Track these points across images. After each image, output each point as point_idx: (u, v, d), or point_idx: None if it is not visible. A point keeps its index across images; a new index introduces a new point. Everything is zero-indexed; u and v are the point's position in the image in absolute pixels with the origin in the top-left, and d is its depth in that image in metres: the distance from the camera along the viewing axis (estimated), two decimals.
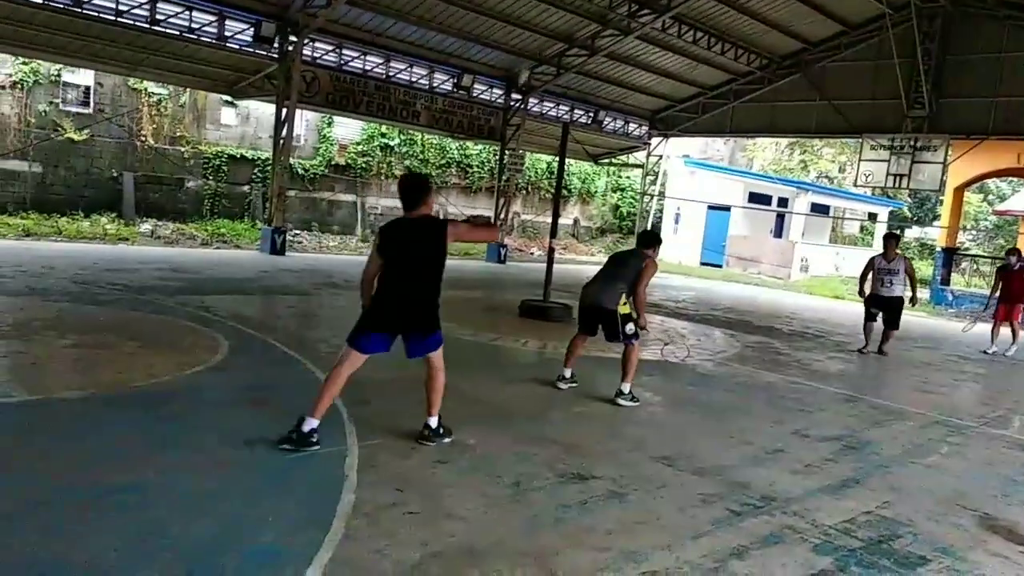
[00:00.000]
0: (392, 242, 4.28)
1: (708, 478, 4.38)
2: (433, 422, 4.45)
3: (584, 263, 22.83)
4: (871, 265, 9.90)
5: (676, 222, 27.45)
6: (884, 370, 9.22)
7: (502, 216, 20.06)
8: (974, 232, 32.03)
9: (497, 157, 20.81)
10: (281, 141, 15.10)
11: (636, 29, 16.35)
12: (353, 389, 4.56)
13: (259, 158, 19.19)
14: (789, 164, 36.71)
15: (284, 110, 14.91)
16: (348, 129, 21.18)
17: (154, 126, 17.72)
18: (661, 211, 27.14)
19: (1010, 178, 27.56)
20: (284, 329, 8.03)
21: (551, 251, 10.49)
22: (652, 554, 3.28)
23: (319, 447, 4.07)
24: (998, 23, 15.59)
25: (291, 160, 17.59)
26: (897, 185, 17.56)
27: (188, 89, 17.78)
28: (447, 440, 4.45)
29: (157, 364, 5.61)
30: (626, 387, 5.94)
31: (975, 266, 23.16)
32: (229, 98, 18.31)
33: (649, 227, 23.70)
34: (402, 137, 22.09)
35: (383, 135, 21.70)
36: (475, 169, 24.07)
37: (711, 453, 4.89)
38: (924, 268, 23.89)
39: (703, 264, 25.60)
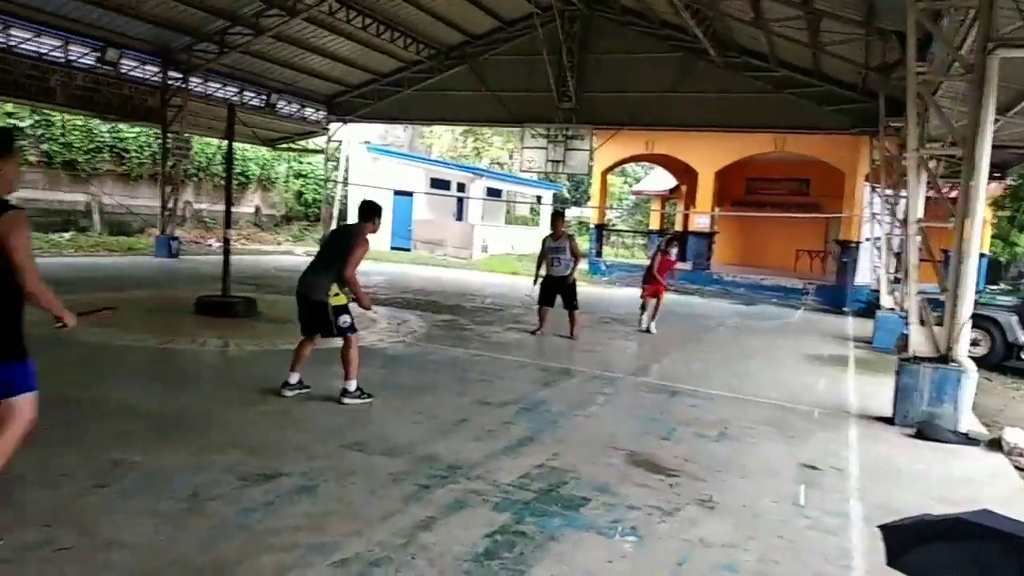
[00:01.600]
0: None
1: (398, 457, 4.48)
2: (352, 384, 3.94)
3: (269, 252, 21.82)
4: (543, 247, 10.02)
5: None
6: (553, 336, 10.25)
7: (170, 206, 18.25)
8: (619, 210, 37.01)
9: (159, 141, 18.82)
10: None
11: (302, 10, 15.85)
12: None
13: None
14: (464, 151, 38.90)
15: None
16: None
17: None
18: (346, 197, 26.95)
19: (643, 163, 32.32)
20: None
21: (226, 242, 9.82)
22: (342, 543, 3.27)
23: None
24: (624, 27, 18.05)
25: None
26: (555, 170, 19.56)
27: None
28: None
29: None
30: (351, 384, 5.65)
31: (621, 239, 26.78)
32: None
33: (336, 213, 23.40)
34: (36, 118, 18.87)
35: (10, 115, 18.32)
36: (133, 154, 21.48)
37: (401, 432, 5.01)
38: (583, 243, 27.06)
39: (393, 248, 26.04)
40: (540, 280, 9.93)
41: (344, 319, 5.62)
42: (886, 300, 12.20)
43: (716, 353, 9.55)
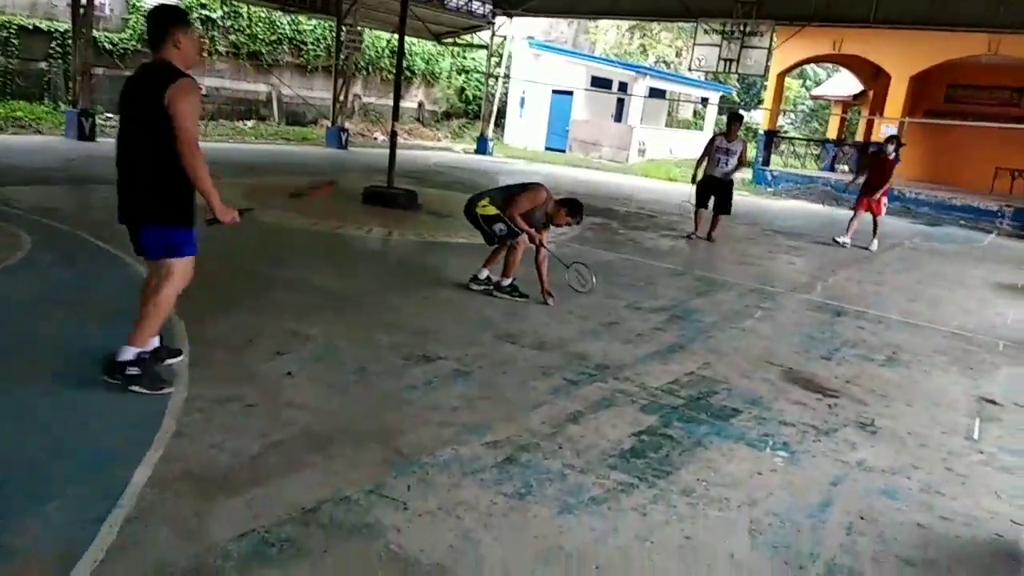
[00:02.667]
0: (120, 99, 3.36)
1: (548, 352, 4.58)
2: (129, 352, 3.30)
3: (429, 148, 22.38)
4: (711, 145, 9.76)
5: (521, 106, 27.33)
6: (710, 246, 9.89)
7: (341, 98, 19.02)
8: (793, 115, 34.41)
9: (334, 34, 19.47)
10: (81, 10, 13.25)
11: None
12: None
13: (57, 30, 16.76)
14: (630, 48, 37.26)
15: None
16: None
17: None
18: (507, 95, 26.85)
19: (826, 64, 29.56)
20: (98, 222, 7.31)
21: (393, 135, 10.14)
22: (494, 425, 3.42)
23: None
24: None
25: (95, 33, 15.55)
26: (727, 70, 18.30)
27: None
28: (137, 387, 3.30)
29: None
30: (506, 281, 5.80)
31: (792, 147, 24.99)
32: None
33: (495, 110, 23.43)
34: (225, 9, 20.03)
35: (203, 6, 19.55)
36: (310, 47, 22.42)
37: (552, 329, 5.09)
38: (750, 150, 25.52)
39: (548, 149, 25.88)
40: (699, 180, 9.79)
41: (499, 227, 5.68)
42: None
43: (891, 275, 8.84)
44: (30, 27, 16.47)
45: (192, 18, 19.11)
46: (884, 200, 10.54)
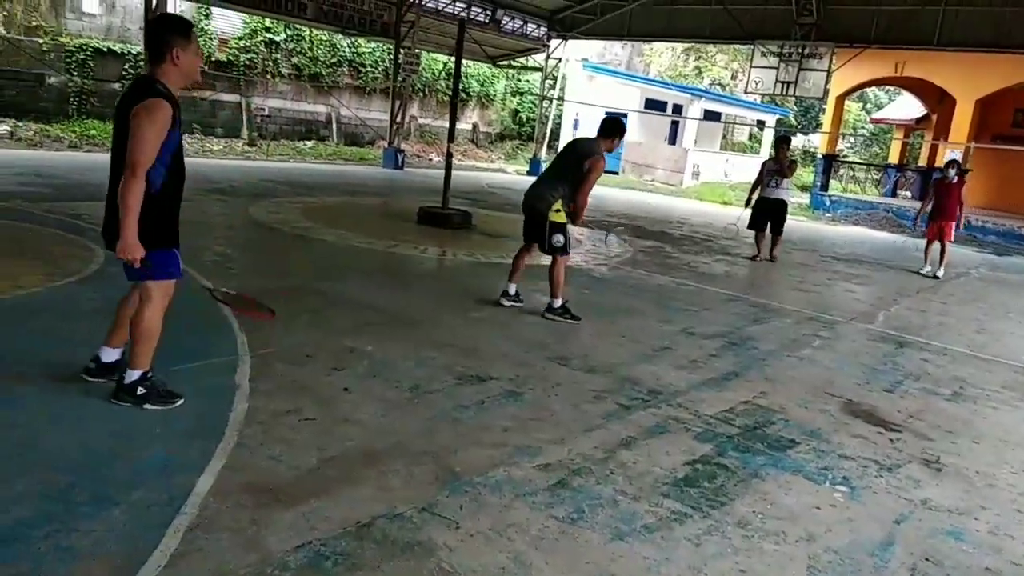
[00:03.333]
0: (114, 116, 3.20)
1: (600, 375, 4.55)
2: (134, 375, 3.29)
3: (483, 169, 22.60)
4: (763, 169, 10.11)
5: (575, 128, 27.41)
6: (765, 271, 9.74)
7: (398, 119, 19.39)
8: (852, 140, 33.72)
9: (392, 56, 19.91)
10: None
11: None
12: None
13: (130, 52, 17.55)
14: (684, 70, 37.11)
15: None
16: (228, 22, 19.61)
17: (4, 13, 15.82)
18: (560, 116, 27.00)
19: (887, 87, 28.94)
20: None
21: (449, 156, 10.28)
22: (546, 448, 3.41)
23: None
24: None
25: None
26: (784, 92, 18.10)
27: None
28: (149, 405, 3.29)
29: (23, 275, 5.21)
30: (557, 302, 5.75)
31: (852, 172, 24.46)
32: None
33: (548, 132, 23.57)
34: (288, 32, 20.69)
35: (267, 29, 20.24)
36: (368, 69, 22.97)
37: (603, 352, 5.07)
38: (806, 175, 25.08)
39: None
40: (754, 203, 10.02)
41: (558, 238, 5.62)
42: None
43: (956, 305, 8.55)
44: (104, 50, 17.29)
45: (257, 41, 19.89)
46: (952, 225, 10.31)
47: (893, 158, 24.63)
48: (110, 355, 3.50)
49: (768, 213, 10.00)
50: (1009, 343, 6.85)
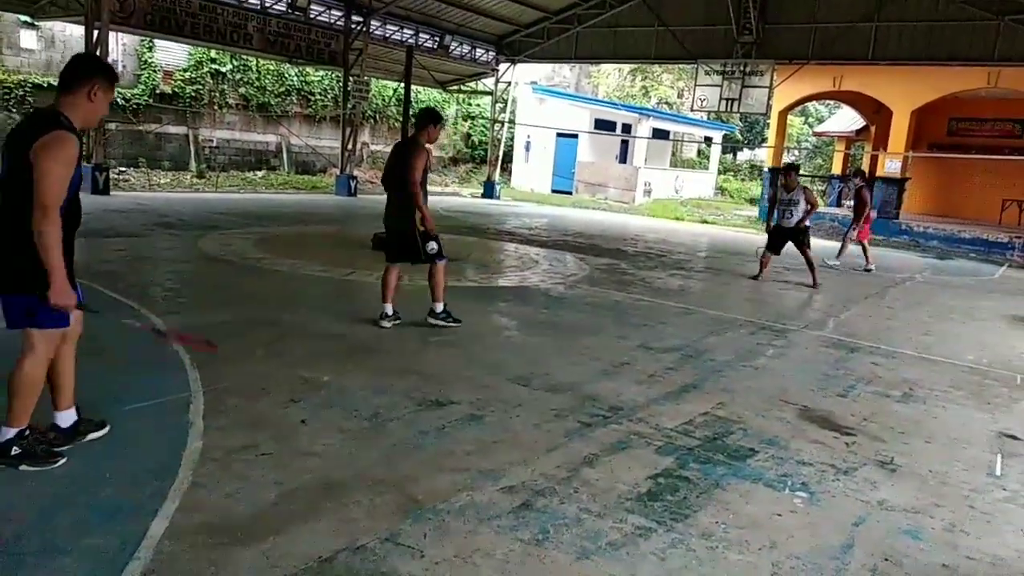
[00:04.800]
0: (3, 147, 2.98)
1: (561, 394, 4.56)
2: (8, 433, 3.02)
3: (437, 194, 22.60)
4: (774, 198, 10.09)
5: (527, 150, 27.68)
6: (719, 284, 9.90)
7: (350, 147, 19.31)
8: (797, 152, 34.67)
9: (341, 84, 19.88)
10: None
11: None
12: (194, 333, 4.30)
13: None
14: (632, 91, 37.81)
15: (95, 32, 13.37)
16: (173, 54, 19.36)
17: None
18: (512, 139, 27.23)
19: (827, 101, 29.89)
20: (114, 274, 7.40)
21: None
22: (509, 470, 3.39)
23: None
24: None
25: None
26: (729, 109, 18.56)
27: None
28: (26, 466, 3.00)
29: None
30: (439, 306, 5.85)
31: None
32: (28, 19, 16.16)
33: (501, 154, 23.71)
34: (235, 63, 20.52)
35: (213, 60, 20.03)
36: (318, 97, 22.88)
37: (564, 371, 5.08)
38: (754, 188, 25.68)
39: (554, 191, 26.11)
40: (772, 228, 10.10)
41: (431, 245, 5.64)
42: None
43: (903, 309, 8.81)
44: (44, 84, 16.90)
45: (203, 72, 19.68)
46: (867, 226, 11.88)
47: (836, 169, 25.41)
48: (66, 419, 3.25)
49: (788, 238, 9.88)
50: (954, 344, 7.07)
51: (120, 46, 17.92)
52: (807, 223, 9.87)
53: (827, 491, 3.49)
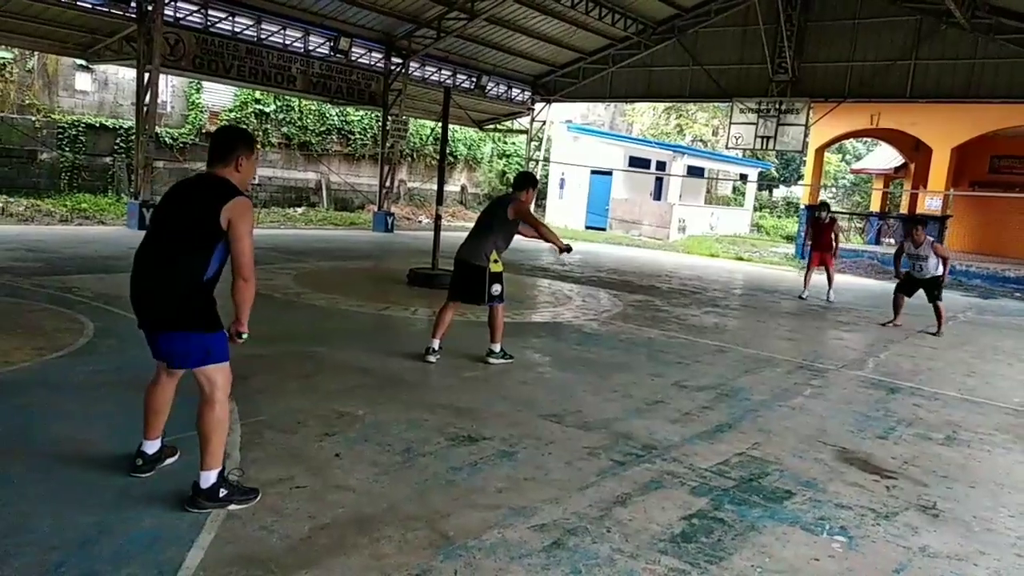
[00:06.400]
0: (165, 201, 3.30)
1: (594, 432, 4.54)
2: (210, 477, 3.11)
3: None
4: (901, 250, 9.91)
5: (561, 187, 27.87)
6: (755, 322, 9.79)
7: (387, 184, 19.67)
8: (834, 190, 34.33)
9: (380, 123, 20.33)
10: (144, 108, 14.12)
11: None
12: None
13: (121, 127, 17.88)
14: (666, 128, 37.96)
15: (146, 75, 13.93)
16: (219, 95, 20.06)
17: None
18: (547, 177, 27.47)
19: (865, 138, 29.65)
20: None
21: (438, 218, 10.42)
22: (541, 508, 3.38)
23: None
24: None
25: (157, 129, 16.50)
26: (764, 147, 18.52)
27: (36, 53, 16.28)
28: (234, 506, 3.12)
29: (13, 350, 5.20)
30: (496, 346, 6.04)
31: None
32: (83, 62, 16.91)
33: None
34: (278, 103, 21.16)
35: (257, 101, 20.70)
36: (357, 136, 23.42)
37: (596, 408, 5.06)
38: (790, 225, 25.42)
39: (588, 228, 26.19)
40: (902, 277, 9.95)
41: (496, 287, 5.88)
42: None
43: (945, 350, 8.60)
44: (96, 125, 17.60)
45: (247, 112, 20.31)
46: (830, 257, 12.07)
47: (875, 206, 25.10)
48: (153, 447, 3.41)
49: (920, 287, 9.75)
50: (999, 385, 6.88)
51: (169, 88, 18.63)
52: (947, 278, 9.82)
53: (867, 536, 3.40)
